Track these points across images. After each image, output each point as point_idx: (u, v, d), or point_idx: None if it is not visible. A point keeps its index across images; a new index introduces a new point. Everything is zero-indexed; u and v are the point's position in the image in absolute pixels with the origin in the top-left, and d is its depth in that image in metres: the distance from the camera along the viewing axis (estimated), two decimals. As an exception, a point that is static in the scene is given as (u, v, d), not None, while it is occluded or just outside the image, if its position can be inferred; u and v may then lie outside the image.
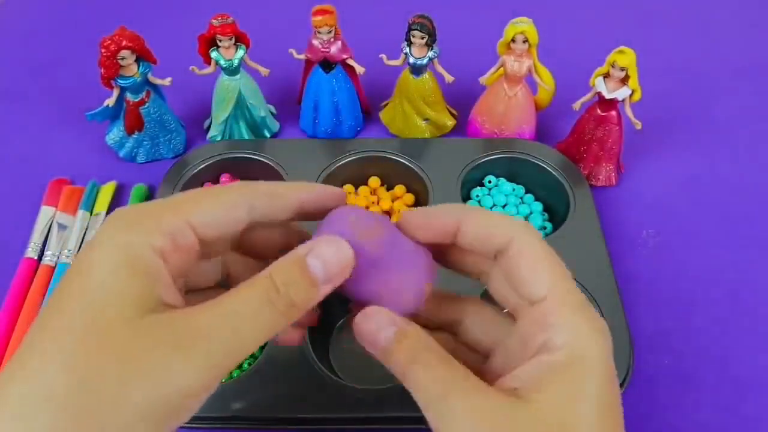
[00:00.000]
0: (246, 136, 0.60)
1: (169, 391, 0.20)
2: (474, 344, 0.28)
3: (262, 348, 0.45)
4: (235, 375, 0.45)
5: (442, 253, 0.28)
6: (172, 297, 0.23)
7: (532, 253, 0.24)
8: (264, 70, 0.57)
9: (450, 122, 0.61)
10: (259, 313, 0.22)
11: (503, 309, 0.27)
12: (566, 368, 0.22)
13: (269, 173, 0.56)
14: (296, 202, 0.26)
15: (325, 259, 0.24)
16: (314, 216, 0.28)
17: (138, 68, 0.54)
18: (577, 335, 0.23)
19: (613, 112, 0.54)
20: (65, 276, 0.22)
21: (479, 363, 0.27)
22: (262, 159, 0.56)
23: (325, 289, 0.24)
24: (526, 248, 0.24)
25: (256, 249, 0.28)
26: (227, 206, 0.24)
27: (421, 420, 0.24)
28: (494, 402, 0.22)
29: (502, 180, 0.56)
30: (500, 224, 0.25)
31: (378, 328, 0.24)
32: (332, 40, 0.55)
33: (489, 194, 0.55)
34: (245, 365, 0.46)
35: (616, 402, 0.22)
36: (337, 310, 0.48)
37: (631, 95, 0.52)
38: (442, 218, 0.26)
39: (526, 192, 0.56)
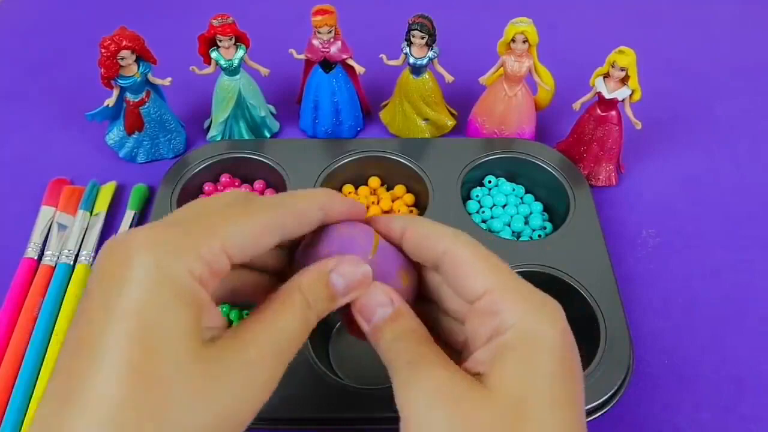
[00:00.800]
0: (246, 136, 0.60)
1: (232, 414, 0.22)
2: (453, 313, 0.28)
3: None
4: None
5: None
6: (216, 319, 0.24)
7: (467, 256, 0.26)
8: (264, 70, 0.57)
9: (450, 122, 0.61)
10: (300, 328, 0.24)
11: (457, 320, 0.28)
12: (517, 347, 0.23)
13: (269, 173, 0.56)
14: (318, 219, 0.27)
15: (347, 278, 0.26)
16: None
17: (138, 68, 0.54)
18: (525, 315, 0.24)
19: (613, 112, 0.54)
20: (96, 295, 0.21)
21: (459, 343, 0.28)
22: (262, 159, 0.56)
23: (343, 301, 0.26)
24: (460, 252, 0.26)
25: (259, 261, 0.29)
26: (261, 231, 0.24)
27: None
28: (456, 378, 0.23)
29: (502, 180, 0.56)
30: (434, 234, 0.27)
31: (376, 303, 0.26)
32: (332, 40, 0.55)
33: (489, 194, 0.55)
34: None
35: (572, 375, 0.23)
36: (336, 310, 0.48)
37: (631, 95, 0.52)
38: (389, 226, 0.28)
39: (526, 192, 0.56)
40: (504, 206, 0.55)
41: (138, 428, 0.19)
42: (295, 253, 0.29)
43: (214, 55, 0.55)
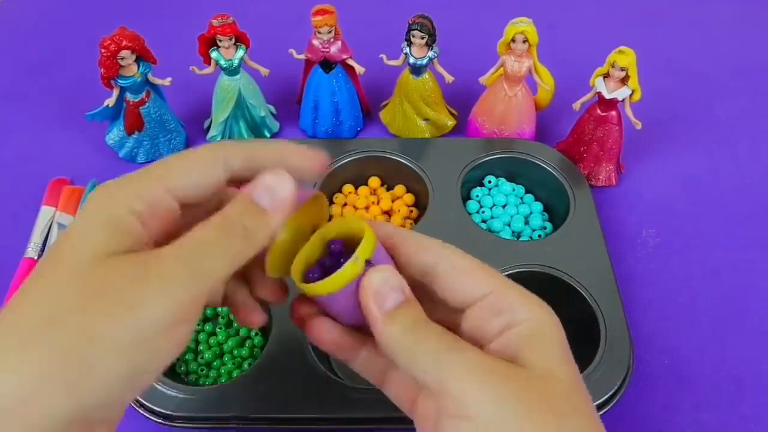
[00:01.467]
0: (246, 136, 0.60)
1: (141, 323, 0.21)
2: (451, 302, 0.28)
3: (262, 348, 0.45)
4: (235, 375, 0.45)
5: None
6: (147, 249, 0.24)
7: (465, 263, 0.27)
8: (264, 70, 0.57)
9: (450, 122, 0.61)
10: (219, 240, 0.24)
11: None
12: (534, 337, 0.25)
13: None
14: (265, 158, 0.27)
15: (271, 190, 0.26)
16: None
17: (138, 68, 0.54)
18: (532, 311, 0.26)
19: (613, 112, 0.54)
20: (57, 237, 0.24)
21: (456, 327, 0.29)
22: (262, 159, 0.55)
23: (276, 217, 0.25)
24: (457, 260, 0.27)
25: None
26: (201, 165, 0.25)
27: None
28: (491, 360, 0.24)
29: (502, 180, 0.56)
30: (426, 244, 0.28)
31: (389, 288, 0.25)
32: (332, 40, 0.55)
33: (489, 194, 0.55)
34: (245, 365, 0.46)
35: (572, 359, 0.26)
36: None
37: (631, 95, 0.52)
38: (382, 231, 0.28)
39: (526, 192, 0.56)
40: (504, 206, 0.55)
41: (40, 329, 0.21)
42: None
43: (214, 55, 0.55)
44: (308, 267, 0.27)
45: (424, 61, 0.55)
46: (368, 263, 0.26)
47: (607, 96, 0.52)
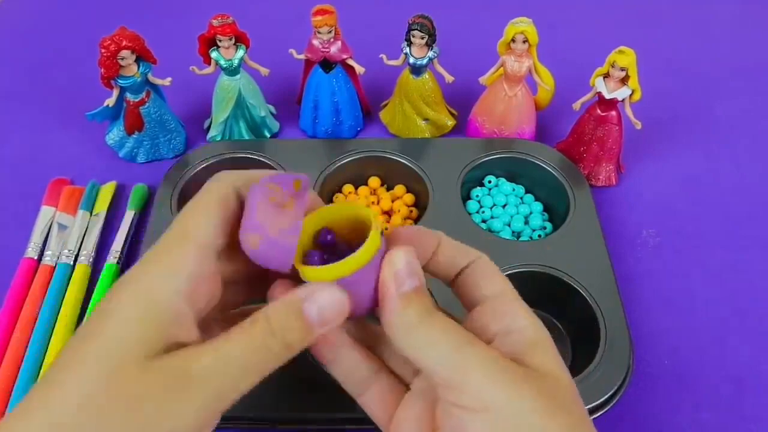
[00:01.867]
0: (246, 136, 0.60)
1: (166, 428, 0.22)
2: (463, 298, 0.29)
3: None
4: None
5: None
6: (191, 335, 0.24)
7: (489, 268, 0.29)
8: (264, 70, 0.57)
9: (450, 122, 0.61)
10: (256, 357, 0.24)
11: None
12: (536, 343, 0.26)
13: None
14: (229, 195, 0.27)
15: (321, 306, 0.25)
16: None
17: (138, 68, 0.54)
18: (530, 320, 0.27)
19: (613, 112, 0.54)
20: (93, 313, 0.24)
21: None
22: (262, 159, 0.55)
23: (321, 331, 0.25)
24: (484, 265, 0.29)
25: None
26: (216, 206, 0.26)
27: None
28: (505, 358, 0.25)
29: (502, 180, 0.56)
30: (466, 249, 0.29)
31: (410, 271, 0.26)
32: (332, 40, 0.55)
33: (489, 194, 0.55)
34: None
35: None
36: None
37: (631, 95, 0.52)
38: (424, 237, 0.29)
39: (526, 192, 0.56)
40: (504, 206, 0.55)
41: (82, 425, 0.21)
42: None
43: (214, 55, 0.55)
44: (303, 255, 0.26)
45: (424, 61, 0.55)
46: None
47: (607, 96, 0.52)
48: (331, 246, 0.27)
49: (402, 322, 0.25)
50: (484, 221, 0.54)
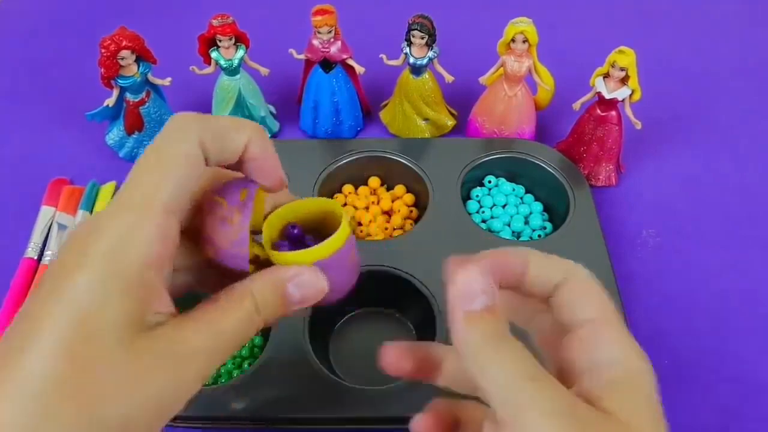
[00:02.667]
0: (246, 136, 0.60)
1: (157, 405, 0.22)
2: (559, 319, 0.27)
3: (262, 348, 0.45)
4: (235, 375, 0.45)
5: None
6: (165, 305, 0.23)
7: (584, 285, 0.26)
8: (264, 70, 0.57)
9: (450, 122, 0.61)
10: (243, 331, 0.24)
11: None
12: (623, 384, 0.23)
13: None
14: (241, 146, 0.25)
15: (304, 286, 0.25)
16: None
17: (138, 68, 0.54)
18: (627, 354, 0.24)
19: (613, 112, 0.54)
20: (51, 275, 0.22)
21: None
22: (262, 159, 0.55)
23: (294, 309, 0.25)
24: (579, 281, 0.26)
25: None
26: (184, 170, 0.24)
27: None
28: (572, 400, 0.22)
29: (502, 180, 0.56)
30: (558, 262, 0.26)
31: (478, 288, 0.24)
32: (332, 40, 0.55)
33: (489, 194, 0.55)
34: (246, 365, 0.46)
35: (661, 412, 0.24)
36: (336, 310, 0.48)
37: (630, 95, 0.52)
38: (510, 258, 0.26)
39: (526, 192, 0.56)
40: (504, 206, 0.55)
41: (59, 409, 0.20)
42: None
43: (214, 55, 0.55)
44: (272, 245, 0.27)
45: (424, 61, 0.55)
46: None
47: (607, 96, 0.52)
48: (298, 238, 0.27)
49: (465, 344, 0.23)
50: (484, 221, 0.54)
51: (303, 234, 0.27)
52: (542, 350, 0.28)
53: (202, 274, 0.27)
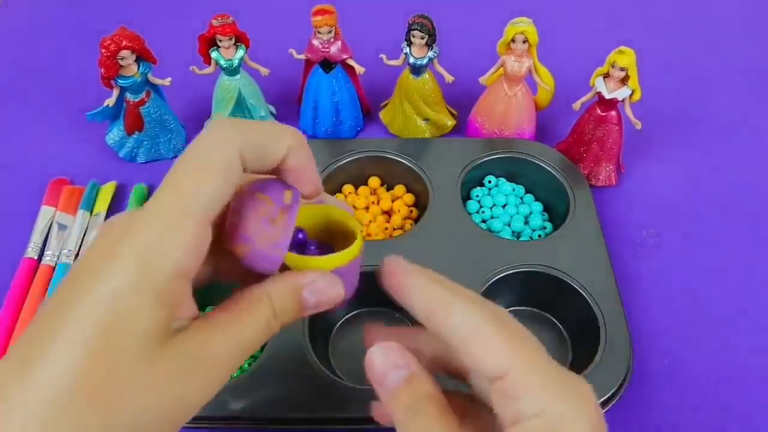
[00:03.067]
0: (246, 136, 0.60)
1: (175, 411, 0.22)
2: (473, 372, 0.27)
3: (262, 348, 0.45)
4: (235, 375, 0.45)
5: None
6: (189, 310, 0.24)
7: (478, 333, 0.23)
8: (264, 70, 0.57)
9: (450, 122, 0.61)
10: (261, 337, 0.24)
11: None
12: None
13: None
14: (281, 155, 0.25)
15: (320, 295, 0.25)
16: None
17: (138, 68, 0.54)
18: (550, 402, 0.22)
19: (613, 112, 0.54)
20: (79, 274, 0.22)
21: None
22: (262, 159, 0.55)
23: (307, 314, 0.26)
24: (470, 329, 0.24)
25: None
26: (222, 176, 0.23)
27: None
28: None
29: (502, 180, 0.56)
30: (444, 299, 0.25)
31: (393, 365, 0.25)
32: (332, 40, 0.55)
33: (489, 194, 0.55)
34: (245, 365, 0.46)
35: None
36: (336, 310, 0.48)
37: (631, 95, 0.52)
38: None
39: (526, 192, 0.56)
40: (504, 206, 0.55)
41: (81, 413, 0.20)
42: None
43: (214, 55, 0.55)
44: None
45: (424, 61, 0.55)
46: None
47: (607, 96, 0.52)
48: (302, 244, 0.27)
49: (395, 419, 0.24)
50: (484, 221, 0.54)
51: (307, 240, 0.27)
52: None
53: (219, 265, 0.27)
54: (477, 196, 0.55)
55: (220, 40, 0.54)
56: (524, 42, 0.53)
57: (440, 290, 0.25)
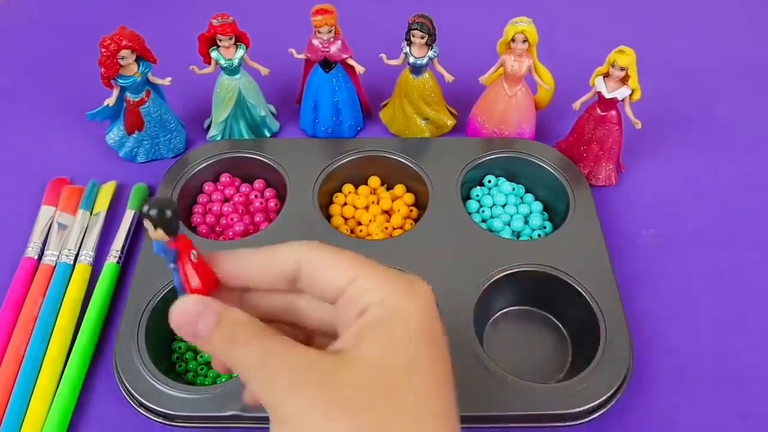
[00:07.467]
0: (246, 136, 0.60)
1: None
2: (318, 327, 0.28)
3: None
4: (236, 375, 0.45)
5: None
6: None
7: (323, 256, 0.26)
8: (264, 70, 0.57)
9: (450, 122, 0.61)
10: None
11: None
12: (377, 322, 0.24)
13: (269, 173, 0.56)
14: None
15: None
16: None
17: (138, 68, 0.54)
18: (388, 295, 0.24)
19: (613, 112, 0.54)
20: None
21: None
22: (263, 159, 0.56)
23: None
24: (314, 257, 0.26)
25: None
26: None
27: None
28: (313, 357, 0.23)
29: (502, 180, 0.56)
30: (282, 250, 0.26)
31: (195, 316, 0.24)
32: (332, 39, 0.55)
33: (489, 194, 0.55)
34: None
35: (431, 347, 0.24)
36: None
37: (630, 95, 0.52)
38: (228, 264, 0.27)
39: (526, 192, 0.56)
40: (504, 206, 0.55)
41: None
42: None
43: (214, 54, 0.55)
44: None
45: (424, 61, 0.55)
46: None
47: (607, 95, 0.52)
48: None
49: (215, 357, 0.25)
50: (484, 221, 0.54)
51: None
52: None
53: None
54: (477, 195, 0.55)
55: (220, 40, 0.54)
56: (524, 41, 0.53)
57: (263, 250, 0.27)
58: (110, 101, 0.55)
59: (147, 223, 0.24)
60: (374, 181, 0.56)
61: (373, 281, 0.25)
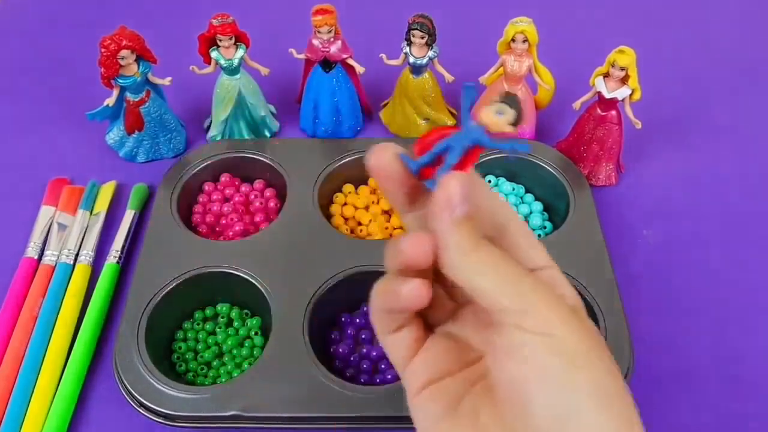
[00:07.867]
0: (246, 136, 0.60)
1: None
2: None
3: (262, 348, 0.45)
4: (236, 375, 0.45)
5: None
6: None
7: (529, 233, 0.30)
8: (264, 70, 0.57)
9: (450, 122, 0.61)
10: None
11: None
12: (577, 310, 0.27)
13: (269, 173, 0.56)
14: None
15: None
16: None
17: (138, 68, 0.54)
18: (573, 291, 0.29)
19: (613, 112, 0.54)
20: None
21: None
22: (262, 159, 0.56)
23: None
24: (522, 228, 0.29)
25: None
26: None
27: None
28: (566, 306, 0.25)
29: (502, 180, 0.56)
30: (502, 206, 0.29)
31: (461, 198, 0.25)
32: (332, 39, 0.55)
33: (489, 194, 0.55)
34: (245, 365, 0.46)
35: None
36: (336, 310, 0.48)
37: (631, 95, 0.52)
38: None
39: (526, 192, 0.56)
40: (504, 206, 0.55)
41: None
42: None
43: (214, 54, 0.55)
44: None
45: (424, 61, 0.55)
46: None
47: (607, 95, 0.52)
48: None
49: (457, 245, 0.25)
50: (484, 221, 0.54)
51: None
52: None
53: None
54: (477, 195, 0.55)
55: (220, 40, 0.54)
56: (524, 41, 0.53)
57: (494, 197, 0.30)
58: (110, 101, 0.55)
59: (501, 107, 0.25)
60: (374, 181, 0.56)
61: (562, 276, 0.30)
